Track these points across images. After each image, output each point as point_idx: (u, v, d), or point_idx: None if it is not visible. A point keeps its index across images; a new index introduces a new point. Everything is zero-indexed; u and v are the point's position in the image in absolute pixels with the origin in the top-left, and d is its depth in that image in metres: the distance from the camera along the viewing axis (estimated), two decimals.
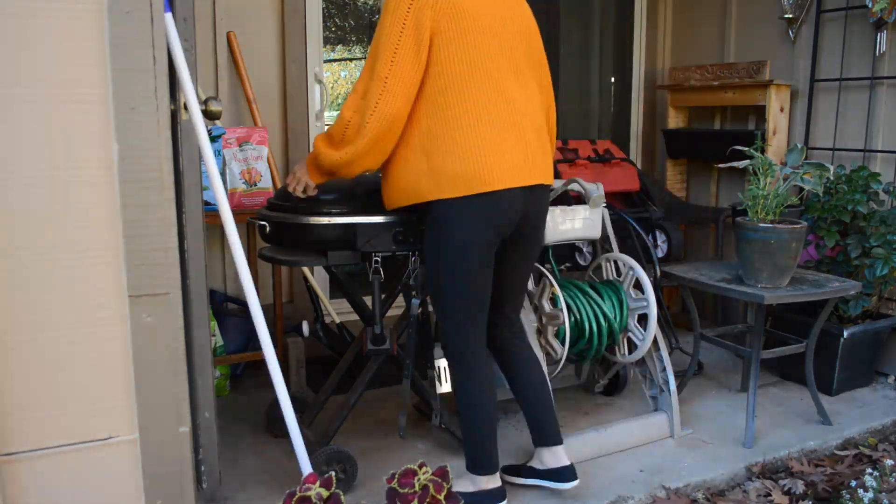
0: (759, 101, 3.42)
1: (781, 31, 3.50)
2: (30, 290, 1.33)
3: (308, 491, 1.58)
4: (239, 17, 3.03)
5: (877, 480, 2.14)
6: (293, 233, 2.09)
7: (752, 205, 2.54)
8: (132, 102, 1.34)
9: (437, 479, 1.68)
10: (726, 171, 3.66)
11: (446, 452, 2.45)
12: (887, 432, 2.71)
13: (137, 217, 1.37)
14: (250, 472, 2.29)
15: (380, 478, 2.11)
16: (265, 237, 2.17)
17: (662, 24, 4.14)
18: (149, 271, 1.39)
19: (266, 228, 2.13)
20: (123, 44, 1.32)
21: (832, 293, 2.56)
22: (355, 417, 2.60)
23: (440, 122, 1.81)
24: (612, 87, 4.36)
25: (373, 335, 2.16)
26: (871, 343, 3.02)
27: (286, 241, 2.14)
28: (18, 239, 1.31)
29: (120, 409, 1.42)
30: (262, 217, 2.15)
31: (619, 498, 2.16)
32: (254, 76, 3.06)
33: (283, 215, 2.11)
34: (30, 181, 1.30)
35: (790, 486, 2.27)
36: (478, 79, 1.81)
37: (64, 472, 1.40)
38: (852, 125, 3.27)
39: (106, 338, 1.39)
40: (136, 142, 1.35)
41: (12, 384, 1.34)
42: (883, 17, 3.01)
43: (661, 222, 3.56)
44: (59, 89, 1.30)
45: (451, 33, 1.78)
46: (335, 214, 2.05)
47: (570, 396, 2.91)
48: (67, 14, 1.29)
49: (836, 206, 2.97)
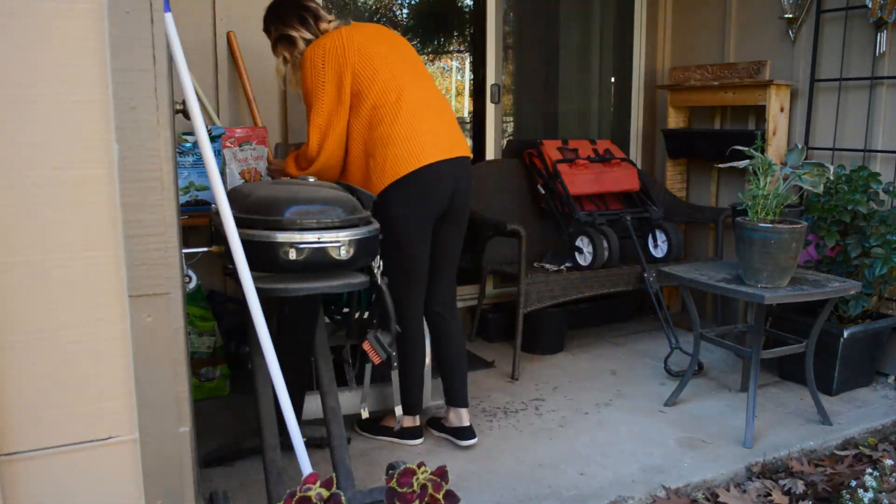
0: (759, 101, 3.42)
1: (781, 31, 3.50)
2: (30, 289, 1.33)
3: (308, 491, 1.58)
4: (239, 17, 3.03)
5: (877, 480, 2.14)
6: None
7: (752, 205, 2.54)
8: (132, 102, 1.34)
9: (437, 479, 1.68)
10: (726, 171, 3.66)
11: (446, 452, 2.45)
12: (887, 432, 2.71)
13: (137, 217, 1.37)
14: (250, 472, 2.29)
15: (379, 478, 2.12)
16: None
17: (662, 24, 4.13)
18: (149, 271, 1.39)
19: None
20: (123, 44, 1.32)
21: (832, 293, 2.56)
22: (353, 418, 2.59)
23: (373, 132, 2.28)
24: (612, 87, 4.36)
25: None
26: (871, 343, 3.02)
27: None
28: (18, 239, 1.31)
29: (120, 409, 1.42)
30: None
31: (619, 498, 2.16)
32: (254, 76, 3.06)
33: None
34: (30, 181, 1.30)
35: (790, 486, 2.27)
36: (391, 91, 2.28)
37: (64, 472, 1.40)
38: (852, 125, 3.26)
39: (106, 338, 1.39)
40: (136, 142, 1.35)
41: (12, 384, 1.34)
42: (883, 17, 3.01)
43: (661, 222, 3.56)
44: (59, 89, 1.30)
45: (362, 70, 2.27)
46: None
47: None
48: (67, 14, 1.29)
49: (836, 206, 2.97)
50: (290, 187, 1.96)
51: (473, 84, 4.01)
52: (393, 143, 2.26)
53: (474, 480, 2.27)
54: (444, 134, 2.35)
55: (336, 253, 1.82)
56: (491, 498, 2.17)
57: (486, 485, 2.25)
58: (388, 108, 2.27)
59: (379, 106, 2.27)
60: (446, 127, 2.38)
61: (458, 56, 5.78)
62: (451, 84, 6.12)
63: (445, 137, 2.35)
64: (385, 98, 2.27)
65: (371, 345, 2.09)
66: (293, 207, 1.82)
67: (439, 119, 2.37)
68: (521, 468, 2.33)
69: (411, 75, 2.35)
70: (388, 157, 2.26)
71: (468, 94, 5.72)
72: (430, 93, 2.40)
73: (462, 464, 2.36)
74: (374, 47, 2.31)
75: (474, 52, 3.94)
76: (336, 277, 1.89)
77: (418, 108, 2.31)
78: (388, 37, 2.42)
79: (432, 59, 5.71)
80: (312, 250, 1.80)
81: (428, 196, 2.32)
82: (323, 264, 1.83)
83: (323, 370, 2.09)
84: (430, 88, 2.41)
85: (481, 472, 2.32)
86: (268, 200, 1.86)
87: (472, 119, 4.12)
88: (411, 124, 2.28)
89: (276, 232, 1.79)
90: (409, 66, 2.38)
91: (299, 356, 2.19)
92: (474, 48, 3.93)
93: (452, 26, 5.24)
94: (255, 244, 1.78)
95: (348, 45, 2.28)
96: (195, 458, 1.68)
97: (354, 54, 2.28)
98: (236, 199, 1.87)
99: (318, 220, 1.82)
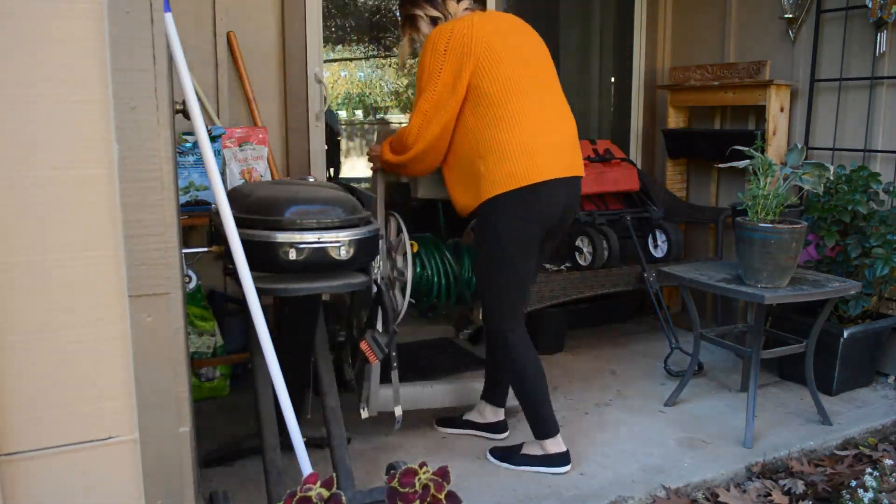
0: (759, 101, 3.41)
1: (781, 31, 3.50)
2: (30, 289, 1.33)
3: (308, 491, 1.58)
4: (239, 17, 3.03)
5: (877, 480, 2.14)
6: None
7: (752, 205, 2.54)
8: (132, 102, 1.34)
9: (438, 479, 1.68)
10: (726, 171, 3.66)
11: (447, 452, 2.45)
12: (887, 432, 2.71)
13: (137, 217, 1.37)
14: (250, 472, 2.29)
15: (380, 478, 2.12)
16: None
17: (662, 24, 4.13)
18: (149, 271, 1.39)
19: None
20: (123, 44, 1.32)
21: (832, 293, 2.56)
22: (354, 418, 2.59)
23: (488, 132, 2.13)
24: (611, 87, 4.36)
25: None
26: (871, 343, 3.02)
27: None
28: (19, 239, 1.31)
29: (120, 409, 1.42)
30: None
31: (619, 498, 2.16)
32: (254, 76, 3.06)
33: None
34: (30, 181, 1.30)
35: (790, 486, 2.27)
36: (514, 94, 2.13)
37: (64, 472, 1.40)
38: (852, 125, 3.26)
39: (106, 338, 1.39)
40: (136, 142, 1.35)
41: (12, 384, 1.34)
42: (883, 17, 3.01)
43: (661, 222, 3.56)
44: (59, 89, 1.30)
45: (486, 65, 2.11)
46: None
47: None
48: (67, 14, 1.29)
49: (836, 206, 2.97)
50: (290, 187, 1.96)
51: None
52: (511, 151, 2.11)
53: (475, 480, 2.27)
54: (565, 149, 2.20)
55: (336, 253, 1.82)
56: (491, 498, 2.17)
57: (487, 485, 2.25)
58: (510, 112, 2.12)
59: (498, 106, 2.12)
60: (568, 142, 2.23)
61: None
62: None
63: (567, 154, 2.20)
64: (507, 99, 2.12)
65: (368, 344, 2.09)
66: (293, 207, 1.82)
67: (562, 133, 2.21)
68: (521, 468, 2.33)
69: (539, 79, 2.20)
70: (504, 166, 2.11)
71: None
72: (556, 100, 2.25)
73: (462, 463, 2.36)
74: (503, 42, 2.15)
75: None
76: (336, 277, 1.89)
77: (543, 118, 2.16)
78: (521, 32, 2.25)
79: None
80: (312, 250, 1.80)
81: (540, 213, 2.18)
82: (323, 264, 1.83)
83: (323, 370, 2.09)
84: (556, 95, 2.26)
85: (482, 472, 2.32)
86: (268, 200, 1.86)
87: None
88: (534, 135, 2.13)
89: (276, 232, 1.79)
90: (537, 68, 2.22)
91: (299, 356, 2.19)
92: None
93: None
94: (255, 244, 1.78)
95: (476, 35, 2.12)
96: (195, 458, 1.68)
97: (481, 46, 2.11)
98: (236, 199, 1.87)
99: (318, 220, 1.82)
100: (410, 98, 5.82)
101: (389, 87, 5.92)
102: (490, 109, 2.12)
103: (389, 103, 5.94)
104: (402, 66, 2.49)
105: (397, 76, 5.72)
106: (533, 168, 2.11)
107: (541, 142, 2.14)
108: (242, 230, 1.77)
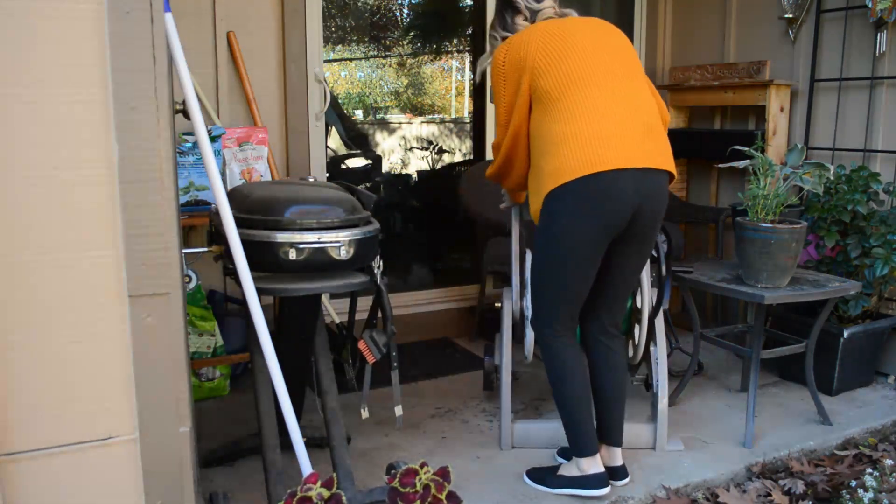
0: (759, 101, 3.41)
1: (781, 31, 3.50)
2: (30, 290, 1.33)
3: (309, 491, 1.58)
4: (239, 17, 3.03)
5: (877, 480, 2.14)
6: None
7: (752, 205, 2.54)
8: (132, 102, 1.34)
9: (439, 479, 1.68)
10: (726, 171, 3.65)
11: (447, 452, 2.45)
12: (887, 432, 2.71)
13: (137, 217, 1.37)
14: (250, 472, 2.29)
15: (380, 478, 2.11)
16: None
17: (662, 24, 4.13)
18: (149, 271, 1.39)
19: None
20: (123, 44, 1.32)
21: (832, 293, 2.56)
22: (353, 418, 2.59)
23: (551, 127, 2.03)
24: None
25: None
26: (871, 343, 3.02)
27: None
28: (19, 239, 1.31)
29: (120, 409, 1.42)
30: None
31: (619, 498, 2.16)
32: (254, 76, 3.06)
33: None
34: (30, 181, 1.30)
35: (790, 486, 2.27)
36: (574, 84, 2.02)
37: (64, 472, 1.40)
38: (852, 125, 3.26)
39: (106, 338, 1.39)
40: (136, 142, 1.35)
41: (12, 384, 1.34)
42: (883, 17, 3.01)
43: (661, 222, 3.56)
44: (59, 89, 1.30)
45: (544, 63, 2.04)
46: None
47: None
48: (67, 14, 1.29)
49: (836, 206, 2.97)
50: (290, 187, 1.96)
51: (473, 84, 4.01)
52: (566, 141, 1.98)
53: (475, 480, 2.26)
54: (634, 139, 2.00)
55: (336, 253, 1.82)
56: (491, 498, 2.17)
57: (487, 485, 2.24)
58: (570, 104, 2.00)
59: (558, 100, 2.01)
60: (640, 131, 2.02)
61: (458, 56, 5.79)
62: (451, 84, 6.13)
63: (635, 143, 2.00)
64: (566, 92, 2.01)
65: (366, 344, 2.09)
66: (293, 207, 1.83)
67: (633, 121, 2.02)
68: (521, 468, 2.33)
69: (606, 69, 2.06)
70: (559, 157, 1.98)
71: (468, 94, 5.73)
72: (629, 90, 2.08)
73: (462, 464, 2.36)
74: (562, 41, 2.06)
75: (474, 51, 3.95)
76: (336, 277, 1.89)
77: (606, 106, 2.01)
78: (590, 28, 2.15)
79: (432, 59, 5.72)
80: (312, 250, 1.80)
81: (600, 209, 1.99)
82: (323, 264, 1.83)
83: (323, 370, 2.09)
84: (628, 87, 2.09)
85: (482, 472, 2.32)
86: (268, 200, 1.86)
87: (471, 119, 4.12)
88: (591, 123, 1.98)
89: (276, 232, 1.79)
90: (611, 60, 2.09)
91: (299, 356, 2.19)
92: (474, 48, 3.94)
93: (452, 26, 5.25)
94: (255, 244, 1.78)
95: (529, 39, 2.08)
96: (195, 458, 1.68)
97: (534, 48, 2.06)
98: (236, 199, 1.87)
99: (318, 220, 1.82)
100: (410, 98, 5.84)
101: (389, 88, 5.93)
102: (551, 104, 2.03)
103: (389, 103, 5.95)
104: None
105: (397, 76, 5.73)
106: (589, 157, 1.96)
107: (603, 130, 1.98)
108: (242, 230, 1.77)
